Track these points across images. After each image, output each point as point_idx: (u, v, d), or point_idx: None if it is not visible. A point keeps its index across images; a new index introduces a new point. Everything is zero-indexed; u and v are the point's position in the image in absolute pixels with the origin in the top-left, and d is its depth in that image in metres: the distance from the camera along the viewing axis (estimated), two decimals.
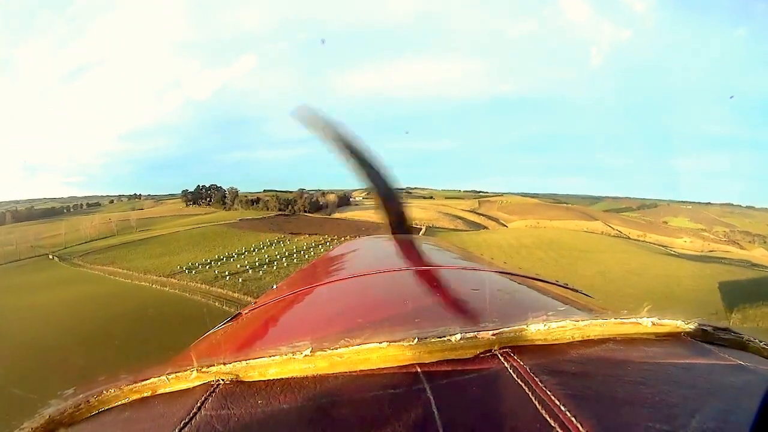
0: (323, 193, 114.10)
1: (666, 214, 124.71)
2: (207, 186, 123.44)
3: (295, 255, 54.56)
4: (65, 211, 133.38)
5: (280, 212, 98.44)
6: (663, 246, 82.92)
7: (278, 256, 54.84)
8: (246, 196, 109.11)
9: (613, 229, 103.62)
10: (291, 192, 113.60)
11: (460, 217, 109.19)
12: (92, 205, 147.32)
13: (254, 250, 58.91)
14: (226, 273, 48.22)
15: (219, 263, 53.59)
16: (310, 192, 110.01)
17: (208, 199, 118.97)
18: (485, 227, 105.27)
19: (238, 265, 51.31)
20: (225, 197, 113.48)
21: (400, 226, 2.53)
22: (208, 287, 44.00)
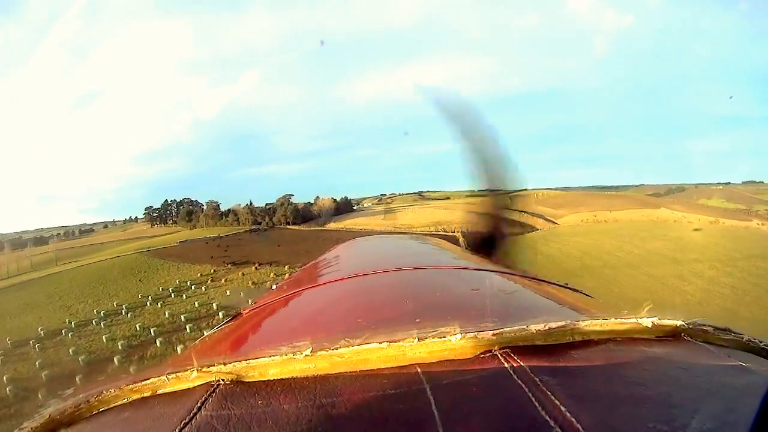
0: (317, 198, 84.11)
1: (699, 196, 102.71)
2: (179, 201, 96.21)
3: (175, 333, 24.35)
4: (55, 238, 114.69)
5: (254, 226, 69.74)
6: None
7: (118, 343, 23.28)
8: (213, 209, 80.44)
9: (684, 215, 74.87)
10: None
11: None
12: (85, 231, 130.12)
13: (123, 314, 29.36)
14: None
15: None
16: (295, 202, 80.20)
17: (174, 216, 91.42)
18: (532, 226, 74.84)
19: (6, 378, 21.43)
20: (191, 213, 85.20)
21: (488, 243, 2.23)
22: None
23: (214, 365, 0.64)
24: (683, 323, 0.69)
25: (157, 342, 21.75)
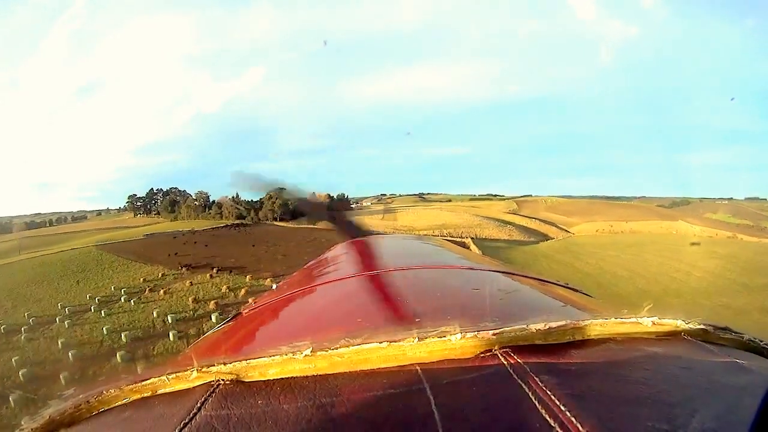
0: (312, 194, 76.89)
1: (705, 210, 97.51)
2: (165, 190, 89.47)
3: (44, 384, 16.01)
4: (47, 224, 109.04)
5: (237, 221, 63.00)
6: None
7: None
8: (195, 202, 73.62)
9: (702, 230, 68.59)
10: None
11: (508, 222, 71.48)
12: (78, 218, 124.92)
13: (21, 333, 21.70)
14: None
15: None
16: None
17: (156, 205, 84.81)
18: (544, 234, 67.99)
19: None
20: (175, 203, 78.44)
21: (355, 231, 3.03)
22: None
23: (214, 365, 0.64)
24: (683, 323, 0.69)
25: (11, 399, 14.82)
